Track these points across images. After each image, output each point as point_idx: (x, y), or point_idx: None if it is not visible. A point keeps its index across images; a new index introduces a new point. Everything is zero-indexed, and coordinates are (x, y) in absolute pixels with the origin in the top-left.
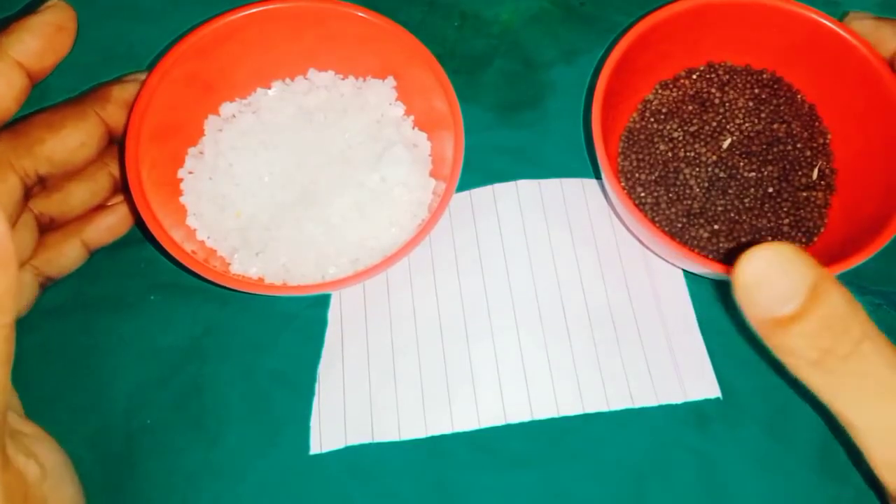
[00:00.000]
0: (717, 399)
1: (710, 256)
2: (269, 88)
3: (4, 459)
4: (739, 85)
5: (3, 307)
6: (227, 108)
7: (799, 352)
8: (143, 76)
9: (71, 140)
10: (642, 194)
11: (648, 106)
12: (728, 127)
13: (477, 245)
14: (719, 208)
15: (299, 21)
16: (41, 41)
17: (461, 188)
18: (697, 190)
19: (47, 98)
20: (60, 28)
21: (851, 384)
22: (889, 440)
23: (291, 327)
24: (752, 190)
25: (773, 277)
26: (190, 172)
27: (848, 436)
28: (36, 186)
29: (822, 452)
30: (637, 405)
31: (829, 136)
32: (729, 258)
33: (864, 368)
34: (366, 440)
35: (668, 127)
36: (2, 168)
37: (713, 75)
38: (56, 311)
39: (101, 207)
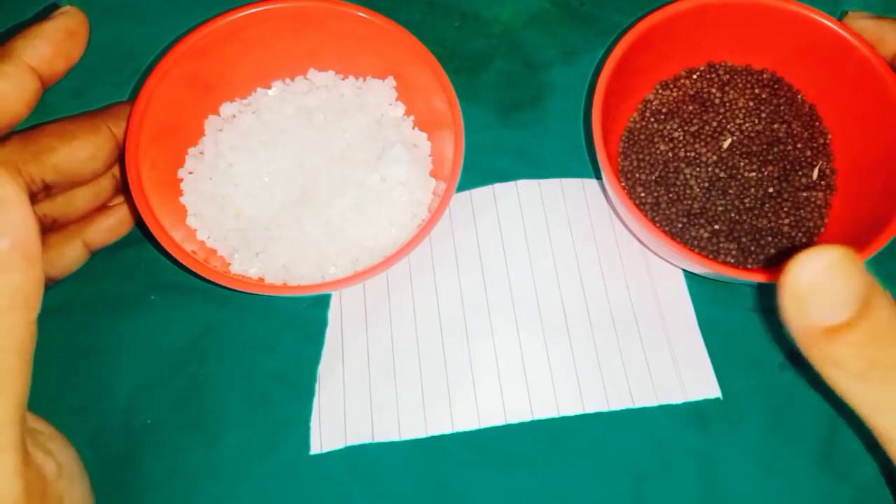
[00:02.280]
0: (717, 399)
1: (710, 256)
2: (269, 88)
3: (26, 456)
4: (740, 85)
5: (30, 304)
6: (227, 108)
7: (844, 362)
8: None
9: (81, 152)
10: (642, 194)
11: (648, 106)
12: (728, 127)
13: (477, 245)
14: (719, 208)
15: (299, 21)
16: (53, 47)
17: (461, 188)
18: (697, 190)
19: (47, 98)
20: (72, 34)
21: (894, 397)
22: None
23: (291, 327)
24: (753, 190)
25: (827, 284)
26: (190, 172)
27: (883, 451)
28: (41, 193)
29: (821, 452)
30: (637, 405)
31: (829, 137)
32: (728, 258)
33: None
34: (366, 440)
35: (668, 127)
36: (9, 171)
37: (713, 75)
38: (56, 311)
39: (101, 208)
